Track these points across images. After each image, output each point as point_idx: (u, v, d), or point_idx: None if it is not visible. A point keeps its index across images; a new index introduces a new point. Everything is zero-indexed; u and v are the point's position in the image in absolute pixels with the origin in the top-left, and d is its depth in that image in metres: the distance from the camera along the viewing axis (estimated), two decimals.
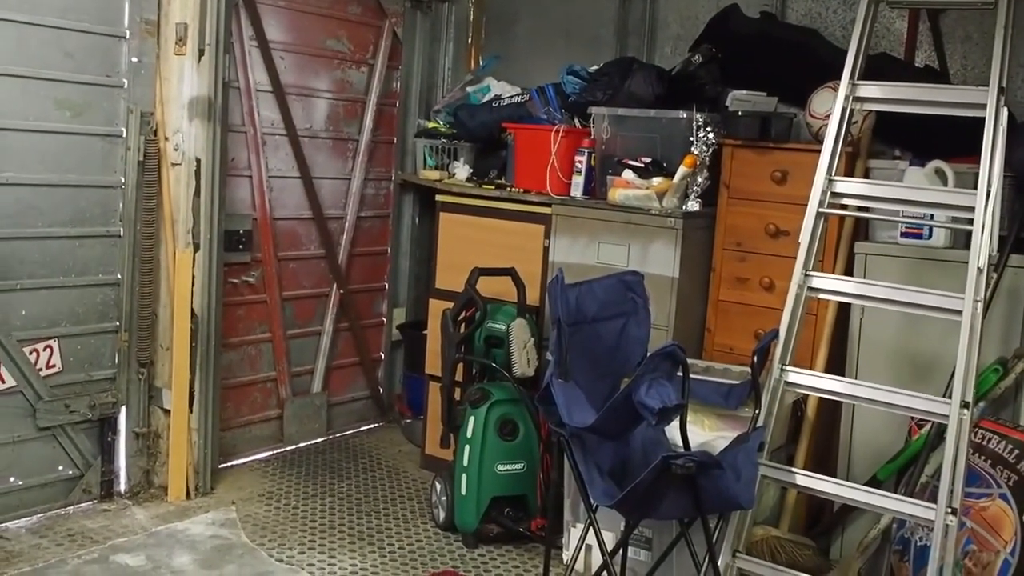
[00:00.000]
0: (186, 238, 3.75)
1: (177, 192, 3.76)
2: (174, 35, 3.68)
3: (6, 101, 3.31)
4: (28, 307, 3.45)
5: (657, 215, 3.65)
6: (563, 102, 4.20)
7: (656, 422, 2.46)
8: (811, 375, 3.04)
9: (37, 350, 3.49)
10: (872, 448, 3.43)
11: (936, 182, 3.26)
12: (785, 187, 3.62)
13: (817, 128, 3.54)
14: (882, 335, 3.40)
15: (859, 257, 3.46)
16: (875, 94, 3.07)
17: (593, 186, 3.95)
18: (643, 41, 4.53)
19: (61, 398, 3.57)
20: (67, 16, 3.44)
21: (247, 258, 4.17)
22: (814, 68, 3.71)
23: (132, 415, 3.80)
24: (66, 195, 3.52)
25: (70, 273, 3.56)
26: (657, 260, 3.65)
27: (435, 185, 4.40)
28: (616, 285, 3.10)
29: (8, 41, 3.29)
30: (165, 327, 3.81)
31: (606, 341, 3.03)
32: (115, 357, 3.73)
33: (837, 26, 4.05)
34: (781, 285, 3.34)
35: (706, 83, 3.93)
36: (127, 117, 3.64)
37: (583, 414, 2.63)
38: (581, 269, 3.63)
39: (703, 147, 3.67)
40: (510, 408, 3.62)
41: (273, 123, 4.24)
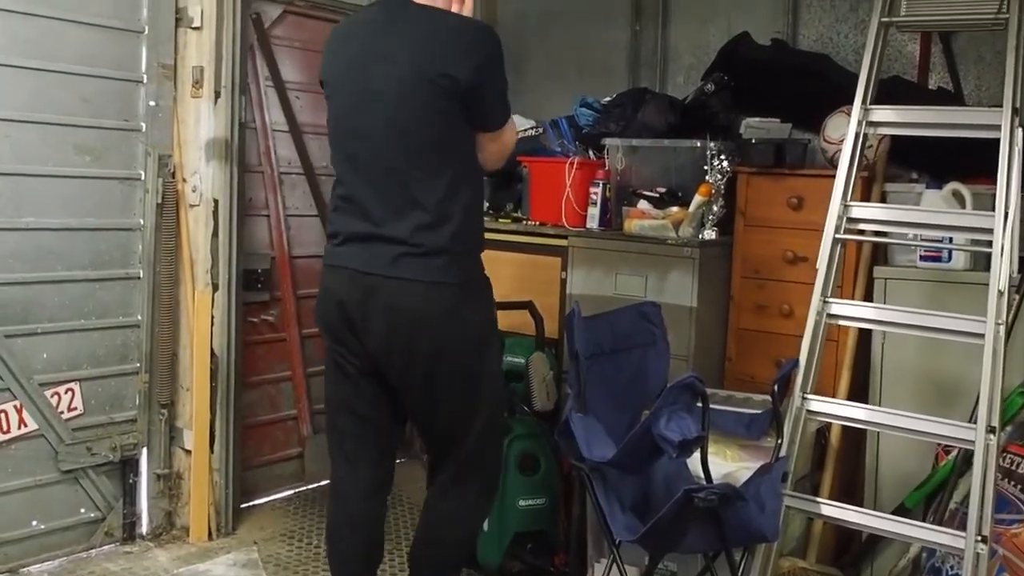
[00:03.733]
0: (205, 278, 3.78)
1: (196, 233, 3.78)
2: (191, 78, 3.72)
3: (26, 148, 3.36)
4: (49, 350, 3.48)
5: (674, 245, 3.64)
6: (577, 134, 4.21)
7: (677, 455, 2.45)
8: (833, 403, 3.01)
9: (59, 393, 3.51)
10: (898, 475, 3.38)
11: (954, 204, 3.24)
12: (802, 213, 3.60)
13: (832, 153, 3.53)
14: (904, 360, 3.37)
15: (878, 282, 3.43)
16: (889, 118, 3.06)
17: (609, 217, 3.95)
18: (655, 71, 4.54)
19: (83, 441, 3.58)
20: (85, 62, 3.48)
21: (266, 297, 4.19)
22: (827, 93, 3.70)
23: (154, 456, 3.81)
24: (85, 238, 3.55)
25: (90, 316, 3.59)
26: (675, 290, 3.63)
27: None
28: (634, 316, 3.08)
29: (27, 89, 3.34)
30: (185, 367, 3.82)
31: (625, 373, 3.01)
32: (136, 398, 3.74)
33: (849, 50, 4.05)
34: (800, 312, 3.32)
35: (719, 111, 3.93)
36: (145, 160, 3.67)
37: (603, 448, 2.62)
38: (598, 301, 3.62)
39: (718, 175, 3.66)
40: (530, 443, 3.60)
41: (290, 162, 4.27)
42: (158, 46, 3.66)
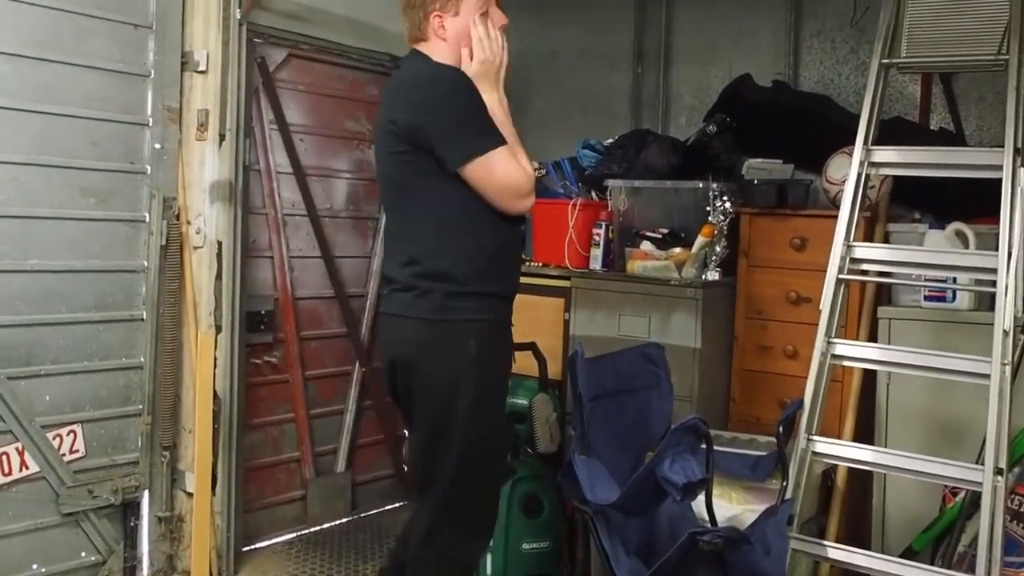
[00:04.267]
0: (208, 320, 3.78)
1: (199, 275, 3.79)
2: (196, 121, 3.75)
3: (33, 190, 3.37)
4: (52, 392, 3.47)
5: (677, 285, 3.64)
6: (579, 175, 4.23)
7: (681, 497, 2.43)
8: (839, 444, 2.99)
9: (61, 435, 3.49)
10: (906, 517, 3.35)
11: (957, 244, 3.24)
12: (805, 254, 3.60)
13: (834, 194, 3.54)
14: (910, 401, 3.35)
15: (883, 322, 3.43)
16: (891, 159, 3.07)
17: (612, 258, 3.95)
18: (657, 113, 4.58)
19: (84, 483, 3.56)
20: (92, 106, 3.51)
21: (269, 338, 4.19)
22: (829, 134, 3.73)
23: (155, 499, 3.78)
24: (90, 280, 3.56)
25: (93, 357, 3.58)
26: (678, 331, 3.63)
27: None
28: (637, 358, 3.08)
29: (35, 132, 3.37)
30: (188, 409, 3.81)
31: (628, 415, 3.00)
32: (138, 440, 3.73)
33: (850, 91, 4.08)
34: (805, 352, 3.31)
35: (721, 152, 3.95)
36: (150, 202, 3.69)
37: (606, 491, 2.60)
38: (602, 342, 3.61)
39: (720, 216, 3.67)
40: (534, 485, 3.57)
41: (294, 204, 4.29)
42: (164, 90, 3.70)
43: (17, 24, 3.28)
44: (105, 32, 3.52)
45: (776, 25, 4.26)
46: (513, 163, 2.63)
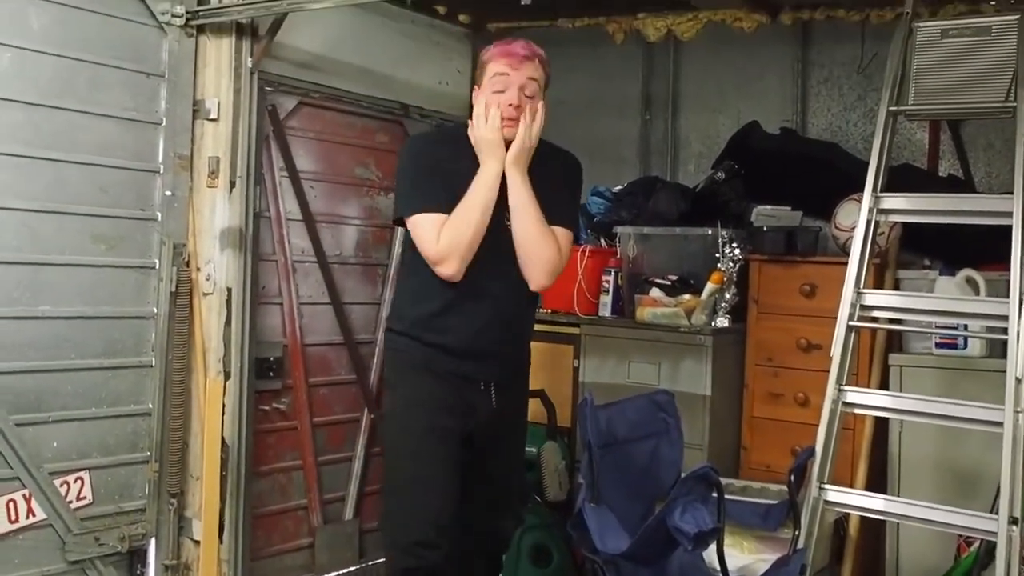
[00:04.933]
0: (217, 367, 3.77)
1: (209, 321, 3.79)
2: (207, 168, 3.77)
3: (44, 237, 3.39)
4: (60, 439, 3.46)
5: (686, 332, 3.64)
6: (589, 222, 4.24)
7: (693, 547, 2.40)
8: (851, 493, 2.97)
9: (68, 482, 3.48)
10: (920, 567, 3.32)
11: (967, 291, 3.23)
12: (814, 300, 3.60)
13: (844, 240, 3.54)
14: (923, 449, 3.33)
15: (894, 369, 3.41)
16: (900, 205, 3.07)
17: (621, 305, 3.95)
18: (666, 160, 4.60)
19: (91, 531, 3.53)
20: (104, 153, 3.53)
21: (278, 385, 4.17)
22: (837, 181, 3.74)
23: (162, 547, 3.75)
24: (99, 327, 3.56)
25: (102, 404, 3.57)
26: (688, 378, 3.61)
27: None
28: (647, 405, 3.06)
29: (47, 179, 3.39)
30: (196, 456, 3.79)
31: (638, 463, 2.98)
32: (146, 488, 3.71)
33: (859, 139, 4.09)
34: (816, 400, 3.29)
35: (730, 199, 3.97)
36: (160, 249, 3.70)
37: (617, 540, 2.57)
38: (611, 389, 3.60)
39: (730, 263, 3.67)
40: (543, 534, 3.55)
41: (303, 251, 4.29)
42: (175, 137, 3.72)
43: (32, 73, 3.31)
44: (118, 81, 3.56)
45: (783, 73, 4.29)
46: (427, 231, 2.88)
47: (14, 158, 3.28)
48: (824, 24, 4.11)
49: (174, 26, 3.66)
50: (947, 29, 3.08)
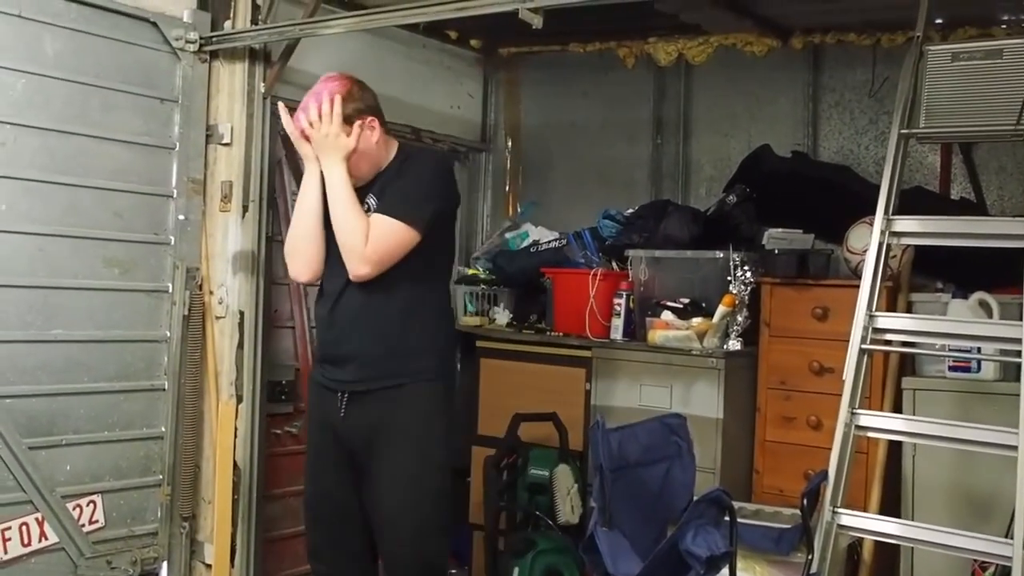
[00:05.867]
0: (229, 390, 3.78)
1: (221, 345, 3.80)
2: (219, 193, 3.80)
3: (58, 261, 3.41)
4: (73, 462, 3.47)
5: (698, 355, 3.63)
6: (600, 246, 4.24)
7: (704, 571, 2.38)
8: (865, 517, 2.94)
9: (80, 505, 3.48)
10: None
11: (980, 314, 3.22)
12: (827, 323, 3.59)
13: (856, 263, 3.53)
14: (937, 472, 3.30)
15: (907, 393, 3.39)
16: (912, 228, 3.06)
17: (632, 328, 3.94)
18: (677, 183, 4.60)
19: (103, 554, 3.54)
20: (117, 178, 3.56)
21: (290, 408, 4.18)
22: (849, 204, 3.73)
23: (174, 570, 3.75)
24: (112, 350, 3.57)
25: (114, 427, 3.58)
26: (700, 401, 3.60)
27: (476, 331, 4.42)
28: (658, 428, 3.04)
29: (62, 203, 3.42)
30: (207, 480, 3.80)
31: (650, 486, 2.96)
32: (158, 511, 3.71)
33: (870, 162, 4.09)
34: (829, 424, 3.27)
35: (741, 222, 3.96)
36: (173, 273, 3.72)
37: (628, 564, 2.56)
38: (623, 412, 3.59)
39: (741, 286, 3.67)
40: (556, 558, 3.53)
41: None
42: (188, 162, 3.75)
43: (46, 98, 3.35)
44: (132, 106, 3.59)
45: (794, 96, 4.30)
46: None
47: (29, 183, 3.32)
48: (835, 48, 4.13)
49: (188, 52, 3.70)
50: (958, 52, 3.09)
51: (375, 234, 2.81)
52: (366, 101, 2.95)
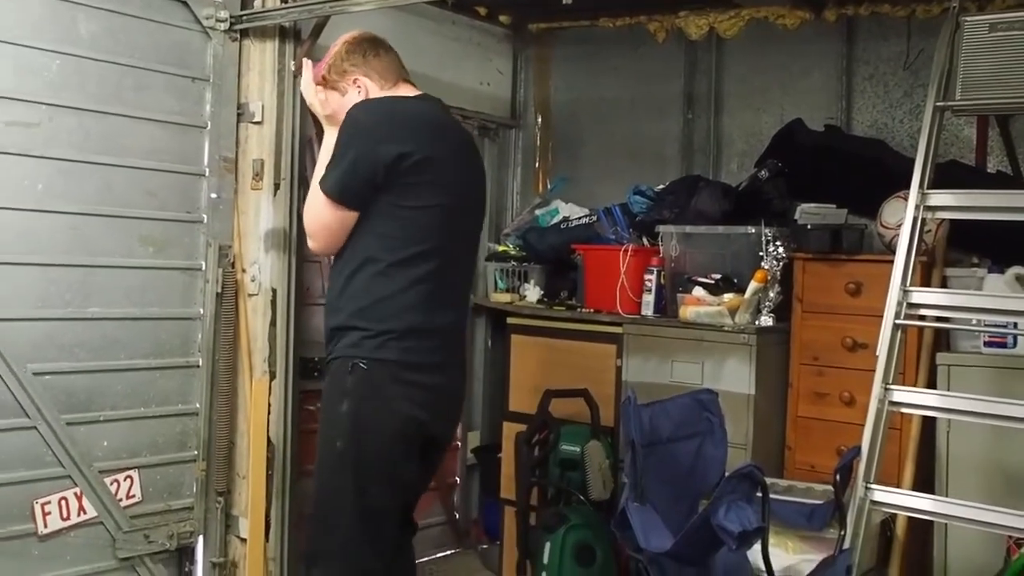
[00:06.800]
0: (263, 367, 3.81)
1: (254, 322, 3.84)
2: (251, 171, 3.82)
3: (94, 239, 3.45)
4: (110, 438, 3.52)
5: (730, 331, 3.62)
6: (631, 222, 4.23)
7: (737, 546, 2.38)
8: (898, 493, 2.93)
9: (118, 480, 3.53)
10: (969, 569, 3.27)
11: (1017, 289, 3.18)
12: (860, 299, 3.56)
13: (890, 238, 3.50)
14: (971, 449, 3.28)
15: (941, 368, 3.37)
16: (947, 202, 3.03)
17: (664, 304, 3.94)
18: (708, 158, 4.57)
19: (140, 528, 3.59)
20: (151, 157, 3.59)
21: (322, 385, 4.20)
22: (883, 178, 3.70)
23: (210, 544, 3.80)
24: (148, 328, 3.61)
25: (150, 404, 3.63)
26: (732, 377, 3.59)
27: (506, 308, 4.43)
28: (690, 404, 3.04)
29: (96, 183, 3.45)
30: (242, 455, 3.84)
31: (682, 462, 2.96)
32: (193, 486, 3.76)
33: (904, 135, 4.05)
34: (862, 400, 3.26)
35: (773, 197, 3.93)
36: (206, 251, 3.75)
37: (660, 539, 2.56)
38: (654, 388, 3.59)
39: (773, 261, 3.65)
40: (587, 533, 3.54)
41: None
42: (220, 140, 3.77)
43: (80, 79, 3.37)
44: (164, 85, 3.61)
45: (827, 70, 4.25)
46: None
47: (64, 162, 3.35)
48: (869, 20, 4.08)
49: (218, 31, 3.71)
50: (995, 23, 3.04)
51: (308, 204, 2.79)
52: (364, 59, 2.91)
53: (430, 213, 2.73)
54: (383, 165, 2.66)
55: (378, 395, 2.68)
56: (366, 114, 2.76)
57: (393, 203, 2.70)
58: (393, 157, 2.65)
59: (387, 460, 2.72)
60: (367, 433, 2.69)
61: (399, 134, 2.71)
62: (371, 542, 2.73)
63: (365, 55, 2.91)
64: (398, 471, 2.75)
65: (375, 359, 2.68)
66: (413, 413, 2.73)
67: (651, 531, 2.60)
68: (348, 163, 2.68)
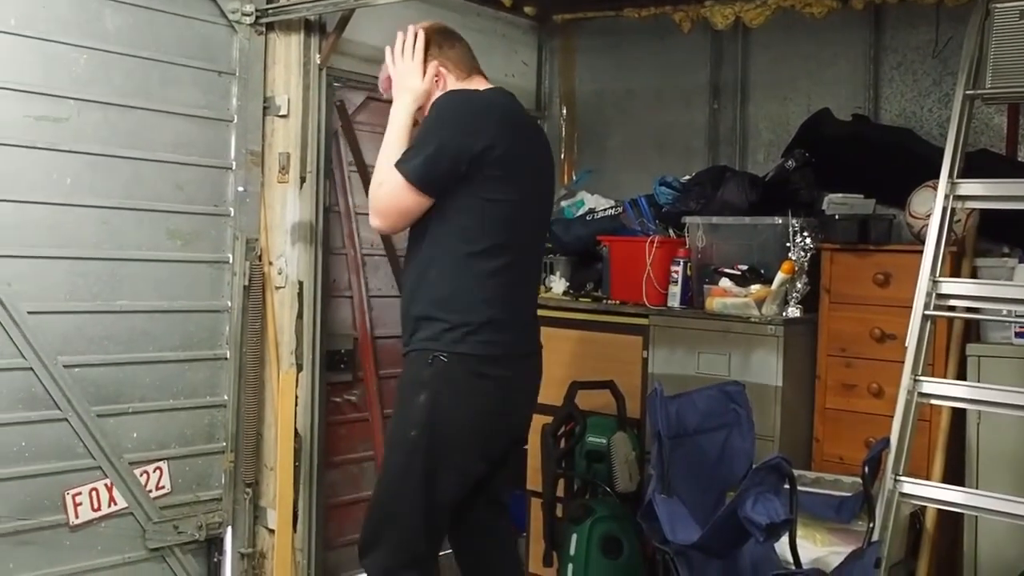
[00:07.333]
0: (290, 359, 3.84)
1: (281, 314, 3.86)
2: (277, 164, 3.83)
3: (122, 233, 3.48)
4: (139, 430, 3.55)
5: (757, 323, 3.60)
6: (657, 213, 4.21)
7: (764, 538, 2.38)
8: (928, 485, 2.90)
9: (147, 472, 3.57)
10: (999, 562, 3.24)
11: None
12: (888, 290, 3.53)
13: (918, 228, 3.46)
14: (1002, 441, 3.25)
15: (972, 360, 3.33)
16: (977, 191, 2.99)
17: (690, 295, 3.92)
18: (735, 149, 4.54)
19: (170, 519, 3.62)
20: (179, 151, 3.61)
21: (349, 377, 4.23)
22: (912, 167, 3.66)
23: (238, 535, 3.84)
24: (176, 320, 3.64)
25: (179, 396, 3.66)
26: (759, 369, 3.57)
27: None
28: (717, 396, 3.04)
29: (125, 177, 3.48)
30: (270, 447, 3.87)
31: (709, 454, 2.95)
32: (222, 477, 3.79)
33: (933, 124, 4.00)
34: (891, 391, 3.22)
35: (801, 188, 3.90)
36: (233, 244, 3.77)
37: (687, 531, 2.56)
38: (681, 380, 3.58)
39: (801, 252, 3.62)
40: (613, 525, 3.53)
41: (372, 244, 4.35)
42: (247, 134, 3.79)
43: (108, 74, 3.40)
44: (190, 79, 3.63)
45: (855, 58, 4.21)
46: None
47: (93, 156, 3.38)
48: (897, 7, 4.03)
49: (244, 24, 3.73)
50: None
51: (383, 182, 2.73)
52: (440, 49, 2.89)
53: (508, 206, 2.74)
54: (469, 157, 2.66)
55: (456, 388, 2.69)
56: (455, 105, 2.76)
57: (474, 195, 2.70)
58: (479, 150, 2.66)
59: (460, 452, 2.74)
60: (443, 425, 2.69)
61: (486, 127, 2.71)
62: (429, 533, 2.75)
63: (441, 46, 2.90)
64: (468, 465, 2.77)
65: (454, 353, 2.69)
66: (490, 407, 2.74)
67: (678, 523, 2.60)
68: (434, 151, 2.66)
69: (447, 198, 2.70)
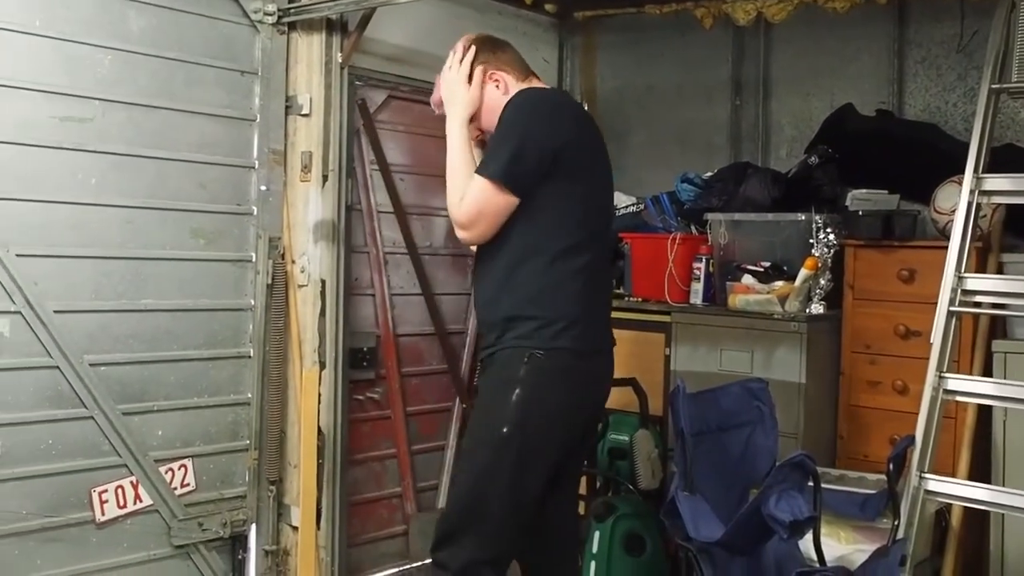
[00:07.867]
0: (312, 357, 3.85)
1: (304, 312, 3.87)
2: (300, 163, 3.85)
3: (146, 232, 3.50)
4: (164, 427, 3.57)
5: (780, 320, 3.58)
6: (678, 210, 4.20)
7: (788, 536, 2.37)
8: (953, 482, 2.88)
9: (172, 469, 3.59)
10: None
11: None
12: (913, 286, 3.51)
13: (943, 224, 3.44)
14: None
15: (997, 356, 3.31)
16: (1003, 187, 2.97)
17: (713, 292, 3.91)
18: (757, 145, 4.52)
19: (195, 516, 3.65)
20: (202, 151, 3.63)
21: (371, 375, 4.24)
22: (936, 163, 3.63)
23: (262, 532, 3.85)
24: (200, 319, 3.66)
25: (203, 394, 3.68)
26: (782, 366, 3.56)
27: None
28: (740, 393, 3.03)
29: (149, 176, 3.50)
30: (293, 444, 3.88)
31: (732, 451, 2.95)
32: (246, 475, 3.81)
33: (958, 119, 3.97)
34: (915, 388, 3.21)
35: (824, 184, 3.88)
36: (256, 242, 3.79)
37: (710, 528, 2.55)
38: (703, 377, 3.57)
39: (824, 249, 3.60)
40: (636, 522, 3.53)
41: (394, 242, 4.35)
42: (269, 133, 3.81)
43: (132, 74, 3.42)
44: (213, 79, 3.65)
45: (878, 53, 4.19)
46: None
47: (117, 156, 3.41)
48: (921, 2, 4.01)
49: (266, 24, 3.75)
50: None
51: (467, 195, 2.69)
52: (493, 55, 2.89)
53: (584, 204, 2.75)
54: (552, 153, 2.65)
55: (550, 384, 2.68)
56: (532, 104, 2.75)
57: (553, 193, 2.69)
58: (559, 146, 2.66)
59: (551, 446, 2.73)
60: (537, 420, 2.68)
61: (563, 123, 2.72)
62: (511, 530, 2.73)
63: (494, 51, 2.90)
64: (555, 458, 2.76)
65: (552, 348, 2.67)
66: (579, 400, 2.76)
67: (701, 520, 2.59)
68: (516, 149, 2.64)
69: (529, 197, 2.68)
